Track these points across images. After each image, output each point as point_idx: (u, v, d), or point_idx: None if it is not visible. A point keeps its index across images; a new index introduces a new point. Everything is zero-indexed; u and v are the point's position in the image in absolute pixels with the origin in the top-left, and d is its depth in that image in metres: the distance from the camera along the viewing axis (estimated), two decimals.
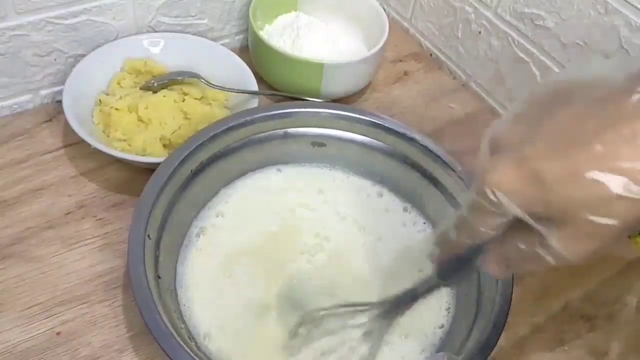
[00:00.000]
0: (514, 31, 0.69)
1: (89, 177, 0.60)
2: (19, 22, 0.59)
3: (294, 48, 0.70)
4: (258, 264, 0.53)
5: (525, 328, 0.54)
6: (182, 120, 0.62)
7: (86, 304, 0.51)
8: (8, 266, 0.53)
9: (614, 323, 0.56)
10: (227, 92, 0.66)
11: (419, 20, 0.82)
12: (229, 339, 0.48)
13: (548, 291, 0.57)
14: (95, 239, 0.56)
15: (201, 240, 0.54)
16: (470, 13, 0.73)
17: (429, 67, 0.79)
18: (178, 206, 0.52)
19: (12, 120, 0.64)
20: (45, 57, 0.63)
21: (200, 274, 0.52)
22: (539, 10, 0.65)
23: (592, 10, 0.60)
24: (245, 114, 0.56)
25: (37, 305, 0.51)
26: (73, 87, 0.61)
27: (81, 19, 0.63)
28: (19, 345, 0.48)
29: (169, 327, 0.42)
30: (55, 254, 0.54)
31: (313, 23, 0.73)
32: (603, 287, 0.58)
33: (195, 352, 0.42)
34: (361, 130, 0.58)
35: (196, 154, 0.53)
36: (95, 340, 0.49)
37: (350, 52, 0.72)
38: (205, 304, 0.50)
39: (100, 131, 0.61)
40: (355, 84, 0.70)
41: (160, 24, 0.68)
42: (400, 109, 0.72)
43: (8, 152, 0.61)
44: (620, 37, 0.58)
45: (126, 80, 0.65)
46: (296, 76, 0.66)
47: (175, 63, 0.68)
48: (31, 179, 0.59)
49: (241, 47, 0.76)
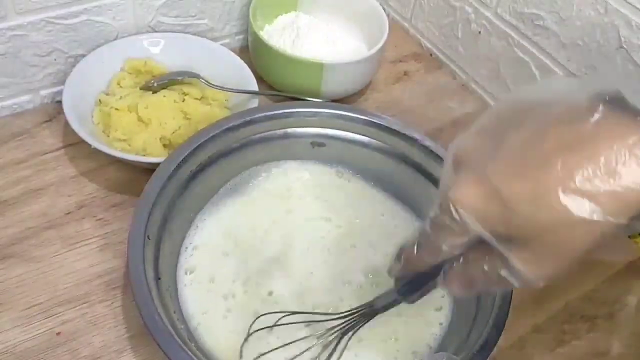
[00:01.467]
0: (514, 31, 0.69)
1: (89, 177, 0.60)
2: (19, 22, 0.59)
3: (294, 48, 0.70)
4: (258, 263, 0.53)
5: (525, 328, 0.54)
6: (182, 120, 0.62)
7: (86, 304, 0.51)
8: (8, 266, 0.53)
9: (614, 323, 0.56)
10: (227, 92, 0.66)
11: (419, 20, 0.82)
12: (229, 339, 0.48)
13: (548, 291, 0.57)
14: (95, 239, 0.56)
15: (201, 241, 0.54)
16: (470, 13, 0.73)
17: (429, 67, 0.79)
18: (178, 206, 0.52)
19: (12, 120, 0.64)
20: (45, 57, 0.63)
21: (200, 273, 0.52)
22: (539, 10, 0.65)
23: (592, 10, 0.59)
24: (246, 114, 0.56)
25: (37, 306, 0.51)
26: (73, 87, 0.61)
27: (81, 19, 0.63)
28: (19, 345, 0.48)
29: (169, 327, 0.42)
30: (55, 254, 0.54)
31: (313, 23, 0.73)
32: (603, 287, 0.58)
33: (195, 353, 0.42)
34: (361, 130, 0.58)
35: (196, 154, 0.53)
36: (95, 341, 0.49)
37: (350, 52, 0.72)
38: (206, 305, 0.50)
39: (100, 131, 0.61)
40: (355, 84, 0.70)
41: (160, 24, 0.68)
42: (400, 109, 0.72)
43: (8, 152, 0.61)
44: (620, 37, 0.58)
45: (126, 80, 0.65)
46: (296, 76, 0.66)
47: (175, 63, 0.68)
48: (31, 179, 0.59)
49: (241, 47, 0.76)
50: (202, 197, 0.56)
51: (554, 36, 0.64)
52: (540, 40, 0.66)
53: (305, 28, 0.72)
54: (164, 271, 0.48)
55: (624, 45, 0.58)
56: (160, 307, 0.44)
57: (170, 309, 0.46)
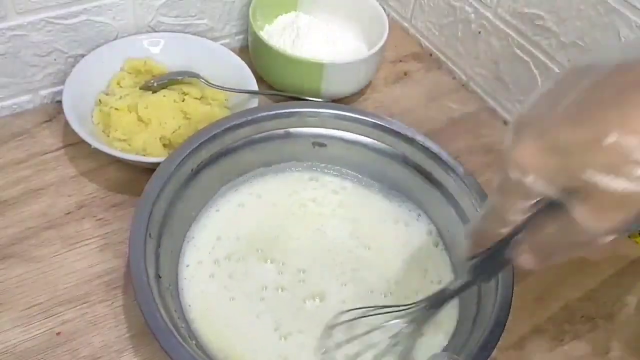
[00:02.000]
0: (514, 31, 0.69)
1: (89, 177, 0.60)
2: (19, 22, 0.59)
3: (294, 48, 0.70)
4: (259, 262, 0.53)
5: (525, 328, 0.54)
6: (182, 120, 0.62)
7: (86, 304, 0.51)
8: (8, 266, 0.53)
9: (614, 323, 0.56)
10: (227, 92, 0.66)
11: (419, 20, 0.82)
12: (230, 338, 0.48)
13: (548, 291, 0.57)
14: (95, 239, 0.56)
15: (201, 240, 0.54)
16: (470, 13, 0.73)
17: (429, 67, 0.79)
18: (178, 206, 0.52)
19: (12, 120, 0.64)
20: (45, 57, 0.63)
21: (201, 273, 0.52)
22: (539, 10, 0.65)
23: (592, 10, 0.60)
24: (246, 114, 0.56)
25: (37, 305, 0.51)
26: (73, 87, 0.61)
27: (81, 19, 0.63)
28: (19, 345, 0.48)
29: (169, 325, 0.42)
30: (55, 254, 0.54)
31: (313, 23, 0.73)
32: (603, 287, 0.58)
33: (196, 352, 0.42)
34: (361, 130, 0.58)
35: (196, 154, 0.53)
36: (95, 341, 0.49)
37: (350, 52, 0.72)
38: (206, 304, 0.50)
39: (100, 131, 0.61)
40: (355, 84, 0.70)
41: (160, 24, 0.68)
42: (400, 109, 0.72)
43: (8, 152, 0.61)
44: (620, 37, 0.58)
45: (126, 80, 0.65)
46: (296, 76, 0.66)
47: (175, 63, 0.67)
48: (31, 179, 0.59)
49: (241, 47, 0.76)
50: (202, 196, 0.56)
51: (554, 36, 0.64)
52: (540, 40, 0.66)
53: (305, 28, 0.72)
54: (165, 270, 0.48)
55: None
56: (161, 305, 0.44)
57: (170, 308, 0.46)
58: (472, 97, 0.76)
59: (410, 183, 0.58)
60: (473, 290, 0.49)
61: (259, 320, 0.50)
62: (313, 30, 0.72)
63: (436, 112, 0.73)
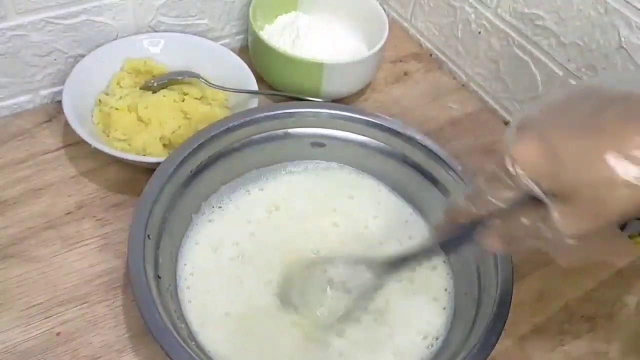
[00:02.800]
0: (514, 31, 0.69)
1: (89, 177, 0.60)
2: (19, 22, 0.59)
3: (294, 48, 0.70)
4: (259, 262, 0.53)
5: (525, 328, 0.54)
6: (182, 120, 0.62)
7: (86, 304, 0.51)
8: (8, 266, 0.53)
9: (614, 323, 0.56)
10: (227, 92, 0.66)
11: (419, 20, 0.82)
12: (230, 338, 0.48)
13: (548, 291, 0.57)
14: (95, 239, 0.56)
15: (201, 240, 0.54)
16: (470, 13, 0.73)
17: (429, 67, 0.79)
18: (178, 206, 0.52)
19: (12, 120, 0.64)
20: (45, 57, 0.63)
21: (200, 273, 0.52)
22: (539, 10, 0.65)
23: (592, 10, 0.60)
24: (246, 114, 0.56)
25: (37, 306, 0.51)
26: (73, 87, 0.61)
27: (81, 19, 0.63)
28: (19, 345, 0.48)
29: (169, 326, 0.42)
30: (55, 254, 0.54)
31: (313, 23, 0.73)
32: (603, 287, 0.58)
33: (195, 352, 0.42)
34: (361, 130, 0.58)
35: (196, 154, 0.53)
36: (95, 341, 0.49)
37: (350, 52, 0.72)
38: (206, 303, 0.50)
39: (100, 131, 0.61)
40: (355, 84, 0.70)
41: (160, 24, 0.68)
42: (400, 109, 0.72)
43: (8, 152, 0.61)
44: (620, 37, 0.58)
45: (126, 80, 0.65)
46: (296, 76, 0.66)
47: (175, 63, 0.68)
48: (31, 179, 0.59)
49: (241, 47, 0.76)
50: (202, 197, 0.56)
51: (553, 36, 0.64)
52: (540, 40, 0.66)
53: (305, 28, 0.72)
54: (164, 270, 0.48)
55: (624, 45, 0.58)
56: (160, 306, 0.44)
57: (170, 308, 0.46)
58: (472, 97, 0.76)
59: (410, 182, 0.58)
60: (473, 290, 0.50)
61: (260, 318, 0.49)
62: (313, 30, 0.72)
63: (436, 112, 0.73)
